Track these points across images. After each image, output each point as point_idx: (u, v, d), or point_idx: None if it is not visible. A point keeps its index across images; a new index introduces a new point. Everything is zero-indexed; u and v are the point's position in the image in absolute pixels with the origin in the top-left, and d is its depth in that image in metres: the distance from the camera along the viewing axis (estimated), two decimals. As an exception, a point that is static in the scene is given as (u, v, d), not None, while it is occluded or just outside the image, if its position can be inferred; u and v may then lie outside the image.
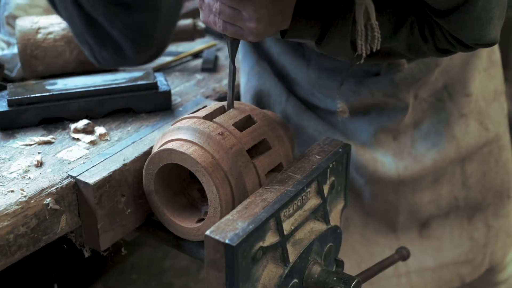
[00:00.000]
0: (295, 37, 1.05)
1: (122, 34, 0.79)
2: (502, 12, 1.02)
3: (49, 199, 1.01)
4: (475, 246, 1.43)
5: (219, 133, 1.03)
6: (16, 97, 1.20)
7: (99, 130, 1.19)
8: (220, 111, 1.11)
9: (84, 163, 1.09)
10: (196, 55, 1.57)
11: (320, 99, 1.31)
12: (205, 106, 1.13)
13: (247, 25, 0.98)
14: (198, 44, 1.60)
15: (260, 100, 1.37)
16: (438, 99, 1.31)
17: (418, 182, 1.33)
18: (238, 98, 1.42)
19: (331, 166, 1.08)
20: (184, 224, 1.07)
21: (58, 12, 0.84)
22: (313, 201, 1.05)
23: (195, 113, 1.08)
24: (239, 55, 1.42)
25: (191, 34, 1.50)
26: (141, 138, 1.16)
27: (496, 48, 1.40)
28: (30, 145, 1.15)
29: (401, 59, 1.20)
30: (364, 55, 1.05)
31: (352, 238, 1.36)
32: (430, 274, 1.42)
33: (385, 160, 1.31)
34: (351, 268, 1.30)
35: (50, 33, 1.35)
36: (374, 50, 1.04)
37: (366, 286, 1.39)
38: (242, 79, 1.41)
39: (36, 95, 1.21)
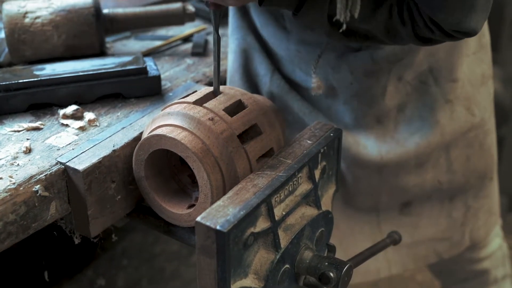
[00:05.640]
0: (271, 5, 1.05)
1: None
2: (486, 4, 0.99)
3: (38, 186, 1.00)
4: (452, 224, 1.45)
5: (209, 119, 1.02)
6: (4, 83, 1.18)
7: (88, 115, 1.18)
8: (210, 96, 1.10)
9: (73, 149, 1.08)
10: (186, 39, 1.56)
11: (301, 77, 1.30)
12: (195, 91, 1.12)
13: None
14: (187, 28, 1.59)
15: (249, 79, 1.36)
16: (423, 82, 1.30)
17: (401, 166, 1.33)
18: (225, 82, 1.41)
19: (322, 151, 1.07)
20: (175, 210, 1.07)
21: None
22: (304, 186, 1.05)
23: (185, 98, 1.08)
24: (229, 32, 1.41)
25: (181, 18, 1.49)
26: (130, 124, 1.15)
27: (486, 31, 1.39)
28: (19, 131, 1.14)
29: (379, 44, 1.18)
30: (342, 19, 1.01)
31: (334, 215, 1.37)
32: (406, 249, 1.45)
33: (367, 143, 1.31)
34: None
35: (37, 17, 1.33)
36: (355, 16, 1.00)
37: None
38: (229, 58, 1.40)
39: (24, 80, 1.19)
